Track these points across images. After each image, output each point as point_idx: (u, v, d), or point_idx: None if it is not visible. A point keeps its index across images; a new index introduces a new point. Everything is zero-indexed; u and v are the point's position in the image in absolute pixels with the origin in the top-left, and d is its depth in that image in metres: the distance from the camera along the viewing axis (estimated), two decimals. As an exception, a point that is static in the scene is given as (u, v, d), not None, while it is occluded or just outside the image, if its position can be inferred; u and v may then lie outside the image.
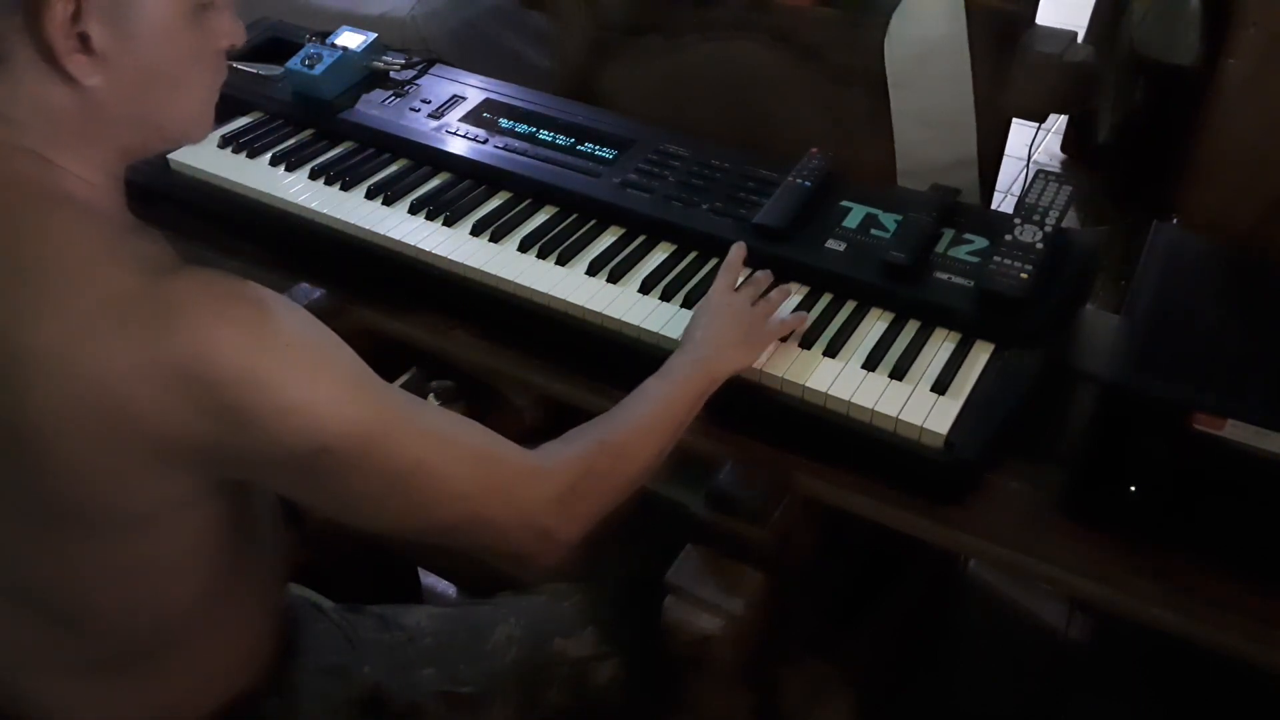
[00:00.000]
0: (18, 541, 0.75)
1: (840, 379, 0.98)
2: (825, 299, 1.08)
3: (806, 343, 1.02)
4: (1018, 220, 1.06)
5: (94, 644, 0.80)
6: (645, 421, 0.90)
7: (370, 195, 1.24)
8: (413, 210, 1.22)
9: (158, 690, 0.84)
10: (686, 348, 0.97)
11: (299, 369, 0.69)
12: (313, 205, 1.23)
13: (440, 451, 0.77)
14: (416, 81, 1.39)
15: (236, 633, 0.87)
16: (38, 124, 0.70)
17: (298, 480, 0.75)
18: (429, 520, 0.80)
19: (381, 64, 1.40)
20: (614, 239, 1.18)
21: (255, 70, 1.40)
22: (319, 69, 1.34)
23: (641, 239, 1.17)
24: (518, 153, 1.26)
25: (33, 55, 0.67)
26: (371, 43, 1.40)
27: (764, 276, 1.07)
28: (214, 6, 0.74)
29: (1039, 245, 1.03)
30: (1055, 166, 2.53)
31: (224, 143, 1.32)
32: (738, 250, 1.07)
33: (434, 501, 0.78)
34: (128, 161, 0.77)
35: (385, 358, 1.66)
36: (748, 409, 1.01)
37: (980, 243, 1.09)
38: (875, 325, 1.05)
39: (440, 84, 1.39)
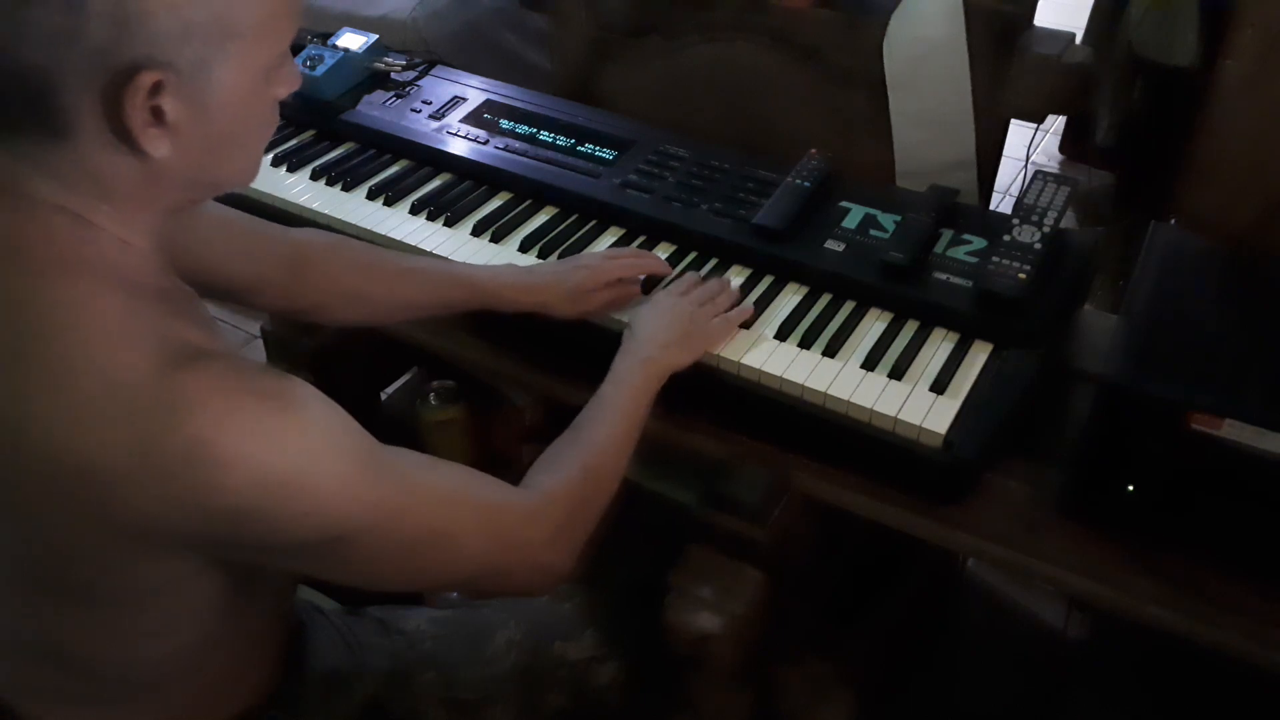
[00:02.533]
0: (19, 599, 0.74)
1: (839, 379, 0.99)
2: (824, 299, 1.08)
3: (806, 342, 1.03)
4: (1016, 221, 1.07)
5: (101, 685, 0.79)
6: (616, 434, 0.91)
7: (372, 196, 1.25)
8: (414, 211, 1.22)
9: (165, 714, 0.84)
10: (629, 347, 0.98)
11: (310, 469, 0.67)
12: (314, 206, 1.24)
13: (450, 515, 0.77)
14: (418, 83, 1.40)
15: (244, 655, 0.87)
16: (89, 188, 0.66)
17: (308, 563, 0.74)
18: (441, 579, 0.82)
19: (383, 65, 1.40)
20: (614, 240, 1.18)
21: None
22: (320, 70, 1.35)
23: (642, 240, 1.17)
24: (518, 154, 1.27)
25: (101, 127, 0.63)
26: (373, 44, 1.41)
27: (717, 283, 1.07)
28: (281, 64, 0.71)
29: (1037, 246, 1.04)
30: (1053, 167, 2.54)
31: (225, 144, 1.32)
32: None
33: (447, 563, 0.79)
34: (174, 215, 0.73)
35: (386, 358, 1.68)
36: (747, 409, 1.01)
37: (979, 243, 1.09)
38: (874, 325, 1.05)
39: (441, 85, 1.39)
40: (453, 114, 1.34)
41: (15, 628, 0.77)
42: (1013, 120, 1.32)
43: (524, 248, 1.17)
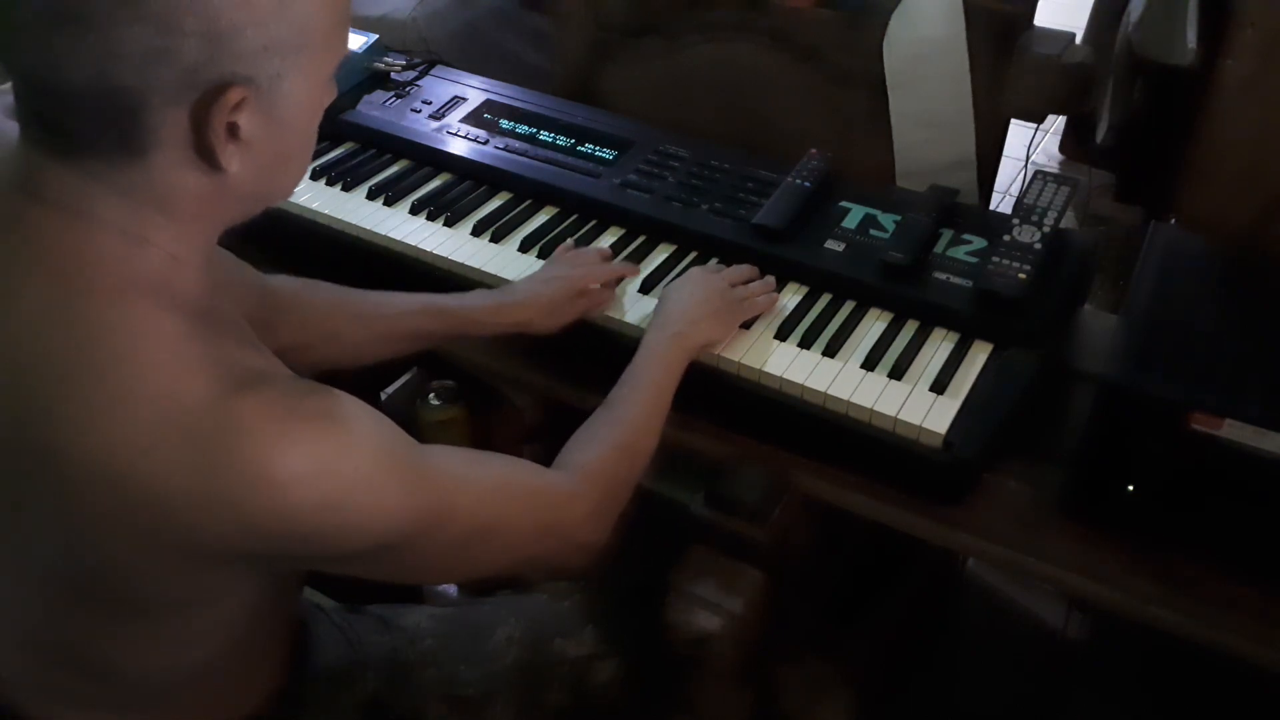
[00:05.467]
0: (56, 608, 0.74)
1: (839, 379, 0.99)
2: (824, 299, 1.08)
3: (806, 342, 1.03)
4: (1016, 220, 1.07)
5: (122, 691, 0.80)
6: (647, 411, 0.93)
7: (371, 196, 1.25)
8: (414, 211, 1.22)
9: (178, 718, 0.84)
10: (659, 322, 1.00)
11: (363, 484, 0.68)
12: (314, 206, 1.24)
13: (496, 509, 0.79)
14: (418, 83, 1.40)
15: (256, 657, 0.87)
16: (154, 205, 0.66)
17: (360, 567, 0.75)
18: (492, 568, 0.84)
19: (383, 65, 1.40)
20: (614, 239, 1.18)
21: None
22: (320, 70, 1.34)
23: (642, 239, 1.17)
24: (518, 153, 1.27)
25: (181, 145, 0.64)
26: (373, 44, 1.41)
27: (748, 268, 1.09)
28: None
29: (1037, 245, 1.04)
30: (1054, 167, 2.54)
31: (225, 144, 1.32)
32: None
33: (497, 553, 0.81)
34: (221, 230, 0.74)
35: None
36: (747, 409, 1.01)
37: (979, 243, 1.09)
38: (874, 325, 1.05)
39: (441, 85, 1.39)
40: (453, 114, 1.34)
41: (37, 631, 0.77)
42: (1013, 120, 1.32)
43: (524, 248, 1.17)
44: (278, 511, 0.65)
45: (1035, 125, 1.44)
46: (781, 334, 1.04)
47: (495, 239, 1.18)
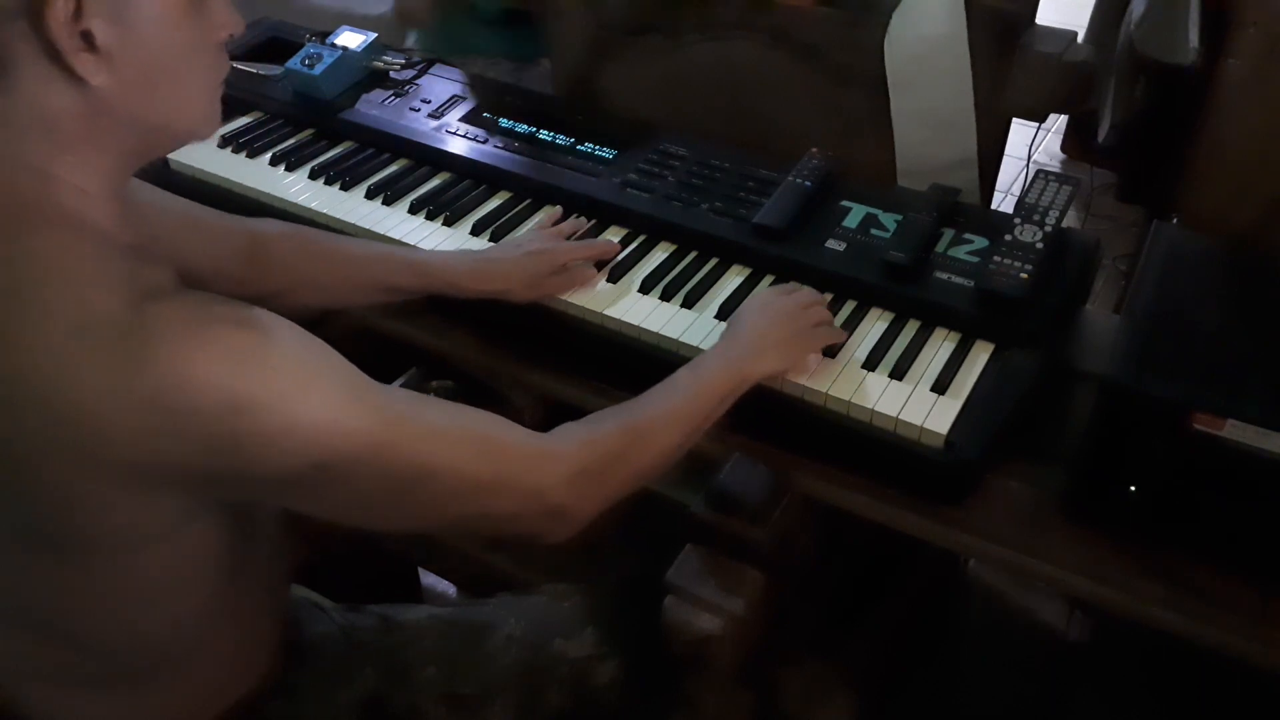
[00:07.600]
0: (12, 563, 0.74)
1: (840, 379, 0.98)
2: (825, 299, 1.08)
3: (806, 343, 1.02)
4: (1018, 220, 1.06)
5: (96, 661, 0.80)
6: (669, 410, 0.90)
7: (370, 195, 1.24)
8: (413, 210, 1.22)
9: (162, 700, 0.84)
10: (722, 344, 0.97)
11: (286, 390, 0.67)
12: (313, 205, 1.23)
13: (443, 451, 0.76)
14: (416, 81, 1.39)
15: (240, 640, 0.87)
16: (39, 132, 0.67)
17: (297, 495, 0.74)
18: (437, 518, 0.81)
19: (381, 64, 1.40)
20: (615, 239, 1.17)
21: (255, 70, 1.40)
22: (319, 69, 1.34)
23: (641, 239, 1.17)
24: (517, 152, 1.26)
25: (38, 59, 0.65)
26: (371, 42, 1.40)
27: (815, 292, 1.06)
28: None
29: (1039, 245, 1.03)
30: (1055, 166, 2.53)
31: (224, 142, 1.32)
32: None
33: (440, 500, 0.78)
34: (134, 167, 0.74)
35: (385, 358, 1.67)
36: (748, 409, 1.01)
37: (980, 242, 1.09)
38: (875, 325, 1.05)
39: (440, 84, 1.39)
40: (451, 113, 1.33)
41: (8, 595, 0.77)
42: (1014, 119, 1.31)
43: (523, 247, 1.16)
44: (195, 415, 0.64)
45: (1037, 124, 1.43)
46: (782, 334, 1.03)
47: (495, 238, 1.18)
